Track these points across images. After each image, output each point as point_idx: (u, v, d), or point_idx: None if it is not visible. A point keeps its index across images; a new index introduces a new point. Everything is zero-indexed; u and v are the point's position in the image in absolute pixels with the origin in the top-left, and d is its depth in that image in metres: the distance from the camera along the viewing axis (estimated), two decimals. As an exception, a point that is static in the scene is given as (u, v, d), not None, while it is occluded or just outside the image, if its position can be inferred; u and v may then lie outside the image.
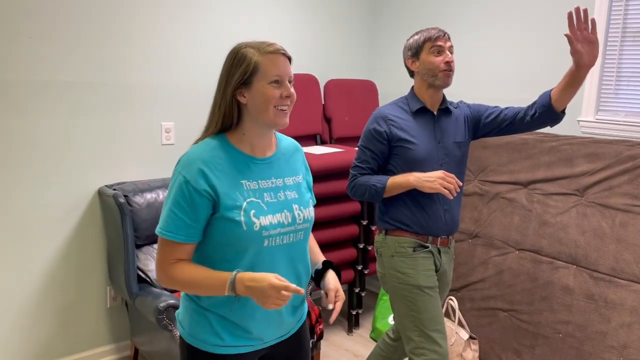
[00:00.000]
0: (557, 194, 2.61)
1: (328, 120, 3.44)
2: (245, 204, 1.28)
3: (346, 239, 3.14)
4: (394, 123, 2.00)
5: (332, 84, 3.43)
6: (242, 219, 1.26)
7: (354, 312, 3.26)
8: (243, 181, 1.30)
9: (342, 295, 1.41)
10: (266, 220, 1.29)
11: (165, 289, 2.54)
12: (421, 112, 2.04)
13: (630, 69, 2.63)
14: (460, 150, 2.09)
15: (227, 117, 1.31)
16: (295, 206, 1.36)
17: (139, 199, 2.55)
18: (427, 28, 2.03)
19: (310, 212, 1.41)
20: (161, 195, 2.64)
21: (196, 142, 1.33)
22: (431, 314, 1.99)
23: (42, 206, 2.53)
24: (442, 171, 1.91)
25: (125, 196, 2.52)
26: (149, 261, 2.57)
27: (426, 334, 1.97)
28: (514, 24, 3.01)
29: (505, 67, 3.07)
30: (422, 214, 2.02)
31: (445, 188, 1.86)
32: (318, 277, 1.47)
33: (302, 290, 1.23)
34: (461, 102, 2.18)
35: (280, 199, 1.35)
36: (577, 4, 2.74)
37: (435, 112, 2.06)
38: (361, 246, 3.18)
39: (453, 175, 1.90)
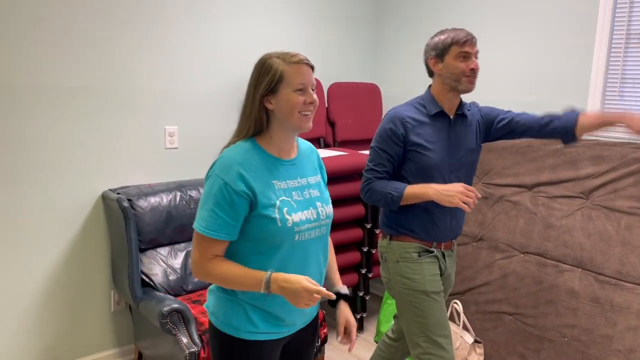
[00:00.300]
0: (562, 196, 2.60)
1: (332, 124, 3.44)
2: (278, 202, 1.39)
3: (350, 242, 3.13)
4: (411, 126, 1.93)
5: (335, 87, 3.43)
6: (277, 216, 1.37)
7: (358, 316, 3.25)
8: (274, 181, 1.41)
9: (352, 324, 1.59)
10: (297, 217, 1.40)
11: (169, 293, 2.54)
12: (438, 115, 1.98)
13: (635, 71, 2.62)
14: (472, 157, 2.05)
15: (257, 123, 1.41)
16: (318, 203, 1.49)
17: (142, 203, 2.56)
18: (453, 28, 1.93)
19: (330, 209, 1.53)
20: (165, 199, 2.64)
21: (227, 145, 1.44)
22: (437, 319, 1.98)
23: (45, 210, 2.54)
24: (461, 184, 1.84)
25: (129, 200, 2.52)
26: (152, 265, 2.57)
27: (433, 339, 1.96)
28: (517, 26, 3.00)
29: (508, 69, 3.06)
30: (429, 222, 2.00)
31: (464, 202, 1.81)
32: (331, 303, 1.61)
33: (333, 295, 1.35)
34: (473, 103, 2.13)
35: (306, 197, 1.46)
36: (581, 6, 2.73)
37: (451, 117, 2.00)
38: (365, 249, 3.17)
39: (473, 189, 1.83)
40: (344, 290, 1.62)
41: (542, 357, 2.48)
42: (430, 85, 2.02)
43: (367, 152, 3.34)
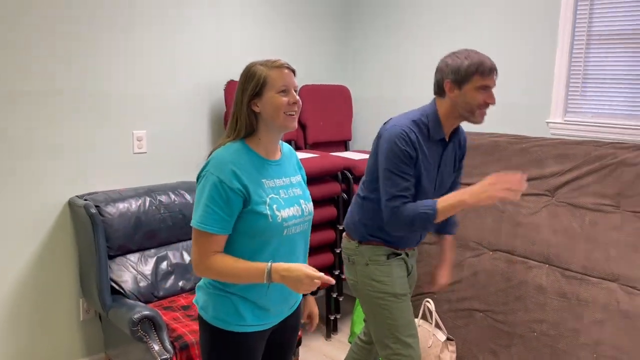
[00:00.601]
0: (529, 194, 2.66)
1: (302, 126, 3.44)
2: (268, 199, 1.50)
3: (323, 244, 3.13)
4: (420, 152, 1.83)
5: (305, 90, 3.43)
6: (268, 212, 1.48)
7: (332, 317, 3.25)
8: (263, 180, 1.52)
9: (315, 314, 1.82)
10: (285, 213, 1.52)
11: (140, 300, 2.50)
12: (438, 140, 1.90)
13: (596, 71, 2.69)
14: (450, 182, 2.03)
15: (247, 126, 1.52)
16: (302, 201, 1.61)
17: (111, 209, 2.51)
18: (475, 52, 1.81)
19: (311, 206, 1.66)
20: (134, 204, 2.60)
21: (217, 146, 1.53)
22: (406, 320, 2.00)
23: (11, 217, 2.47)
24: (490, 176, 1.73)
25: (96, 206, 2.47)
26: (122, 272, 2.53)
27: (402, 340, 1.98)
28: (483, 27, 3.05)
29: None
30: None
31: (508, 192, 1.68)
32: None
33: (333, 280, 1.46)
34: (462, 130, 2.04)
35: (291, 195, 1.58)
36: (542, 7, 2.79)
37: (447, 141, 1.93)
38: (338, 251, 3.18)
39: (504, 174, 1.71)
40: None
41: (513, 352, 2.53)
42: (435, 101, 1.91)
43: (338, 154, 3.35)
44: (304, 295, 1.78)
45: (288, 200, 1.56)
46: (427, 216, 1.78)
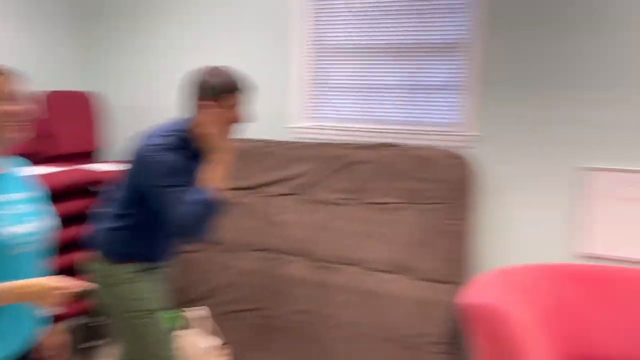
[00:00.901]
0: (280, 194, 2.86)
1: (48, 136, 3.09)
2: None
3: (71, 265, 2.84)
4: (184, 165, 1.79)
5: (52, 97, 3.13)
6: None
7: (87, 345, 2.98)
8: None
9: (59, 345, 1.66)
10: (11, 230, 1.38)
11: None
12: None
13: (333, 80, 3.02)
14: None
15: None
16: (30, 218, 1.47)
17: None
18: (227, 69, 1.85)
19: (45, 224, 1.52)
20: None
21: None
22: (163, 335, 1.96)
23: None
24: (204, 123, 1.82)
25: None
26: None
27: (161, 356, 1.94)
28: (231, 38, 3.17)
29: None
30: (157, 248, 1.96)
31: None
32: None
33: (84, 283, 1.41)
34: None
35: (18, 212, 1.44)
36: (279, 19, 3.01)
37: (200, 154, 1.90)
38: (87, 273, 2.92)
39: None
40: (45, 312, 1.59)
41: (280, 345, 2.65)
42: (190, 117, 1.89)
43: (86, 166, 3.10)
44: (47, 323, 1.61)
45: (12, 217, 1.41)
46: (205, 199, 1.72)
